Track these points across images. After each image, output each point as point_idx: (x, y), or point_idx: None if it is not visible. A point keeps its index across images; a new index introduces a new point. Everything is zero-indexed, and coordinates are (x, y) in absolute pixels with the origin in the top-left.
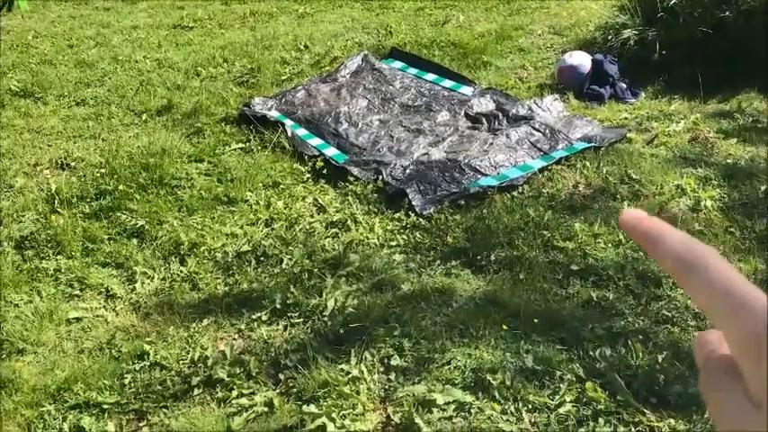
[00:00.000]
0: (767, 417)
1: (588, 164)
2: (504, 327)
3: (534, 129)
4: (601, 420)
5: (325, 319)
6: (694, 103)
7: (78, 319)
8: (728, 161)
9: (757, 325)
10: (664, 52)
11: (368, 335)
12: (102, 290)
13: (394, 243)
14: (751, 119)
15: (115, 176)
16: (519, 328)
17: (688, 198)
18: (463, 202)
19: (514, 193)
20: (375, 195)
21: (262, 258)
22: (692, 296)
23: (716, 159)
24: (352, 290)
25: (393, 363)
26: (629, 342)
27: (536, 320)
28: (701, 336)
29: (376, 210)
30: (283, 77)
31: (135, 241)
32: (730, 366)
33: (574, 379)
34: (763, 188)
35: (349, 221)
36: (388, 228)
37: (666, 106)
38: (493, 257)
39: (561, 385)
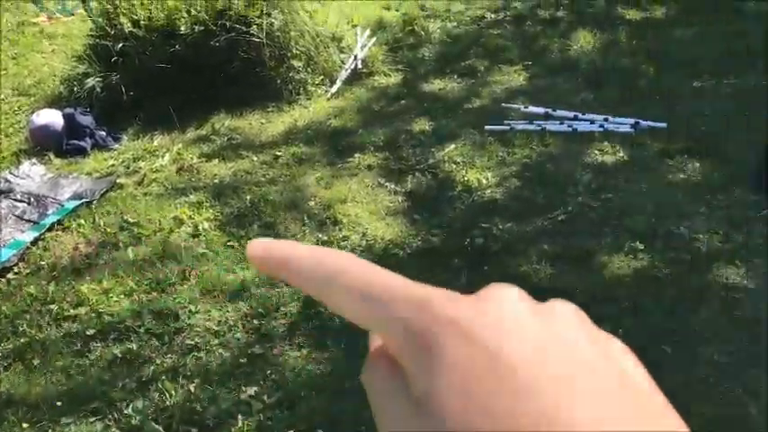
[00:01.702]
0: (427, 414)
1: (83, 221)
2: (25, 425)
3: (17, 201)
4: None
5: None
6: (174, 134)
7: None
8: (215, 181)
9: (409, 319)
10: (132, 93)
11: None
12: None
13: None
14: (226, 138)
15: None
16: (44, 419)
17: (187, 226)
18: None
19: (10, 276)
20: None
21: None
22: (339, 310)
23: (204, 183)
24: None
25: None
26: (161, 385)
27: (59, 403)
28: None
29: None
30: None
31: None
32: (393, 366)
33: None
34: (248, 198)
35: None
36: None
37: (150, 144)
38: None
39: None
